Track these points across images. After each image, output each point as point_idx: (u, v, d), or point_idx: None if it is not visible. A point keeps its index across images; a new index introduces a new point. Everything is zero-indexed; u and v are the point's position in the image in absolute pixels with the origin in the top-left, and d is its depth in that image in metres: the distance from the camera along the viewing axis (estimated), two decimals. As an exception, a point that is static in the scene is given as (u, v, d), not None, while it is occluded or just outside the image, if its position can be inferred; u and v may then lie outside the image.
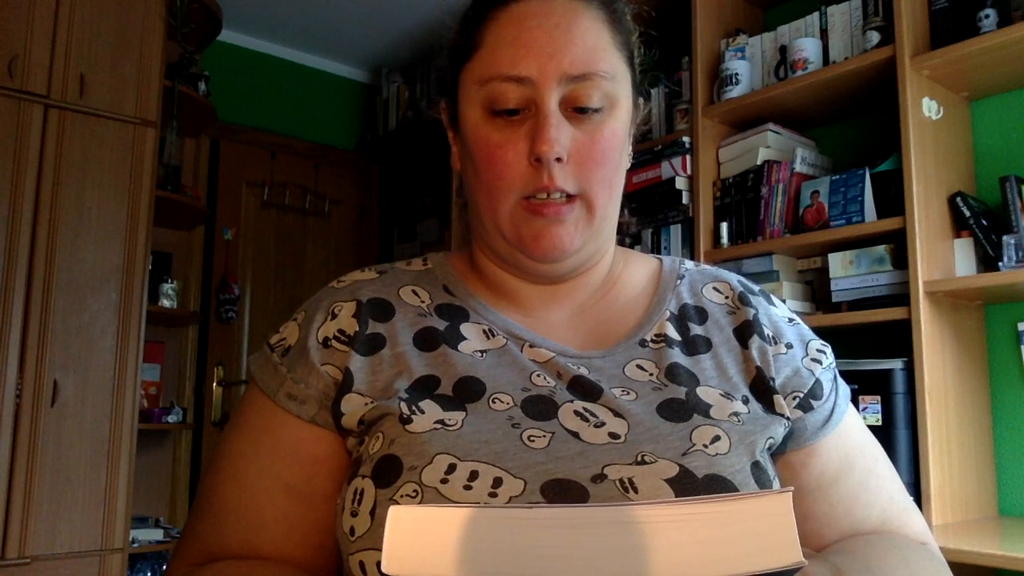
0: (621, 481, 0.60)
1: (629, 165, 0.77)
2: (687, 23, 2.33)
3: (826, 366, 0.76)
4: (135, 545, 2.62)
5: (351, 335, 0.71)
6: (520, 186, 0.69)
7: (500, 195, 0.70)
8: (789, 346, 0.75)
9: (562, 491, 0.59)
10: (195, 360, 3.38)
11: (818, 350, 0.77)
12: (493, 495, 0.59)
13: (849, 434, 0.75)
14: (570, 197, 0.69)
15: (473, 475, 0.60)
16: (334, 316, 0.73)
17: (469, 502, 0.59)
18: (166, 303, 2.96)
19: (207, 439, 3.40)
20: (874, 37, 1.95)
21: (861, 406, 1.81)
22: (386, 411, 0.66)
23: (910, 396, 1.77)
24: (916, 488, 1.73)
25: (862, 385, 1.82)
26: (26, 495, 2.30)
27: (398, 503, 0.60)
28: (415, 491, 0.60)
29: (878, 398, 1.80)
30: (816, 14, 2.13)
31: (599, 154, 0.70)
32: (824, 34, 2.11)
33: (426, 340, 0.72)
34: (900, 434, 1.76)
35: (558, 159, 0.68)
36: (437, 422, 0.64)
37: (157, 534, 2.79)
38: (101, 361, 2.47)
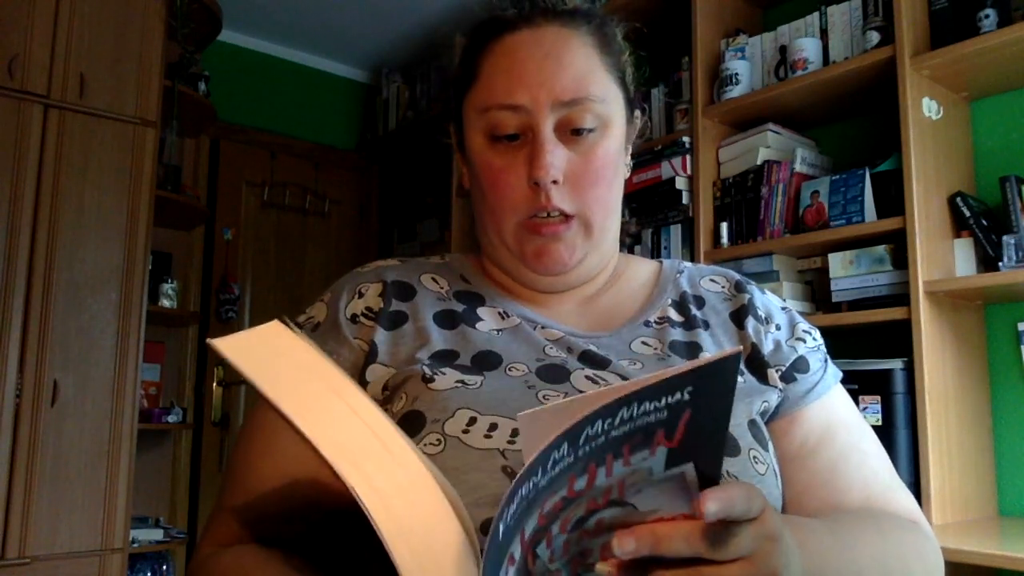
0: None
1: (627, 175, 0.82)
2: (687, 23, 2.34)
3: (811, 347, 0.81)
4: (135, 545, 2.62)
5: (377, 311, 0.76)
6: (522, 207, 0.75)
7: (504, 215, 0.76)
8: (778, 327, 0.81)
9: None
10: (195, 360, 3.38)
11: (804, 331, 0.82)
12: (511, 442, 0.63)
13: (834, 409, 0.78)
14: (568, 216, 0.75)
15: (492, 427, 0.65)
16: (361, 295, 0.78)
17: (488, 448, 0.63)
18: (166, 303, 2.96)
19: (207, 439, 3.40)
20: (874, 37, 1.95)
21: (861, 406, 1.81)
22: (409, 374, 0.70)
23: (910, 396, 1.77)
24: (916, 488, 1.73)
25: (862, 385, 1.82)
26: (26, 495, 2.29)
27: (422, 451, 0.64)
28: (438, 440, 0.64)
29: (878, 398, 1.80)
30: (816, 14, 2.13)
31: (593, 174, 0.75)
32: (824, 34, 2.11)
33: (445, 319, 0.77)
34: (900, 434, 1.76)
35: (554, 181, 0.73)
36: (458, 381, 0.69)
37: (157, 534, 2.79)
38: (101, 361, 2.47)
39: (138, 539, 2.67)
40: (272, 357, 0.51)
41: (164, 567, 2.85)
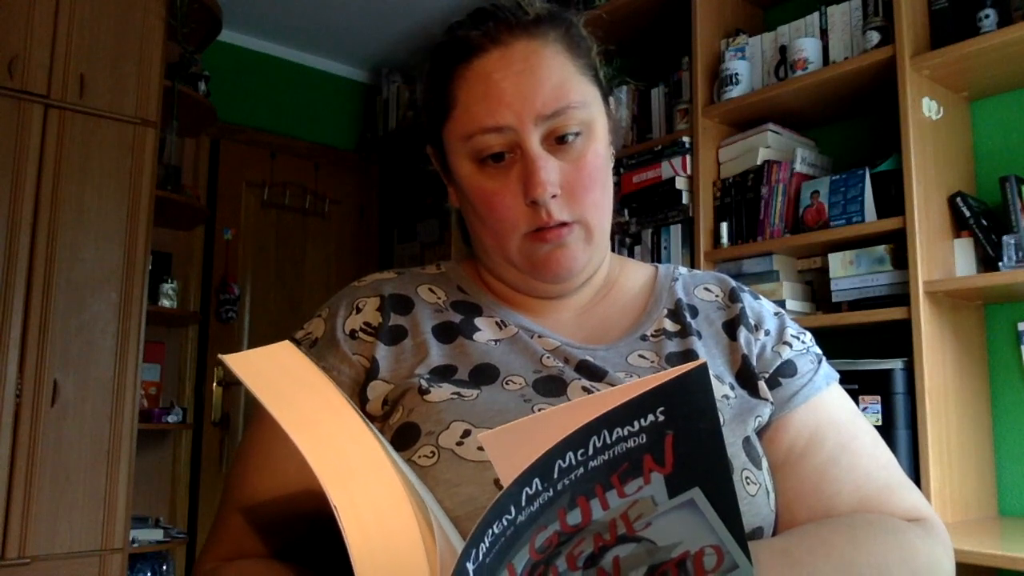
0: None
1: (613, 164, 0.81)
2: (687, 23, 2.34)
3: (799, 350, 0.79)
4: (135, 545, 2.62)
5: (376, 326, 0.76)
6: (523, 224, 0.74)
7: (506, 235, 0.75)
8: (767, 332, 0.80)
9: None
10: (195, 360, 3.38)
11: (792, 335, 0.81)
12: None
13: (824, 410, 0.76)
14: (567, 222, 0.74)
15: None
16: (359, 310, 0.77)
17: (481, 460, 0.63)
18: (166, 303, 2.96)
19: (207, 439, 3.40)
20: (874, 37, 1.95)
21: (861, 406, 1.81)
22: (407, 387, 0.70)
23: (910, 396, 1.77)
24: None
25: (862, 385, 1.82)
26: (26, 495, 2.30)
27: (416, 463, 0.64)
28: (432, 452, 0.64)
29: (878, 398, 1.80)
30: (816, 14, 2.13)
31: (587, 179, 0.74)
32: (824, 34, 2.11)
33: (444, 332, 0.77)
34: (900, 434, 1.76)
35: (552, 196, 0.72)
36: (454, 394, 0.69)
37: (157, 534, 2.79)
38: (101, 361, 2.47)
39: (138, 539, 2.67)
40: (278, 375, 0.51)
41: (164, 567, 2.85)
